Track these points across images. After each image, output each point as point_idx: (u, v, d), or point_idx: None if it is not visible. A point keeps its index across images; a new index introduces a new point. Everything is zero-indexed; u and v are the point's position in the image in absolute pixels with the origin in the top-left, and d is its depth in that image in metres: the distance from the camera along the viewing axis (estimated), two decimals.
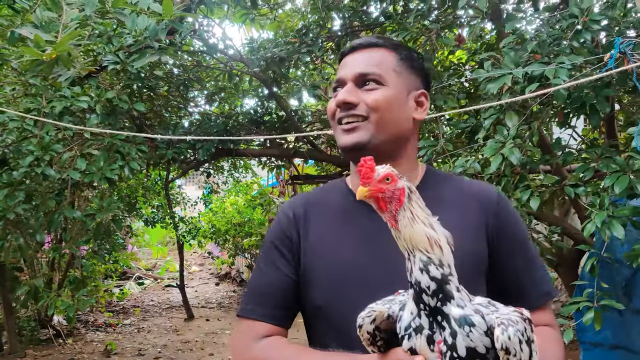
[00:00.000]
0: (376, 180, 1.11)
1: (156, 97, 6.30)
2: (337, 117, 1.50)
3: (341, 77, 1.51)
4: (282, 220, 1.57)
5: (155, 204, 11.19)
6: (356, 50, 1.53)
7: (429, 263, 1.08)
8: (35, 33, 2.79)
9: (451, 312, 1.07)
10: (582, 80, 2.86)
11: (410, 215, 1.11)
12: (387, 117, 1.46)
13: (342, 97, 1.46)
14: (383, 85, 1.47)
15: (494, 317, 1.07)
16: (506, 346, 1.02)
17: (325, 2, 5.40)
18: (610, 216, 2.84)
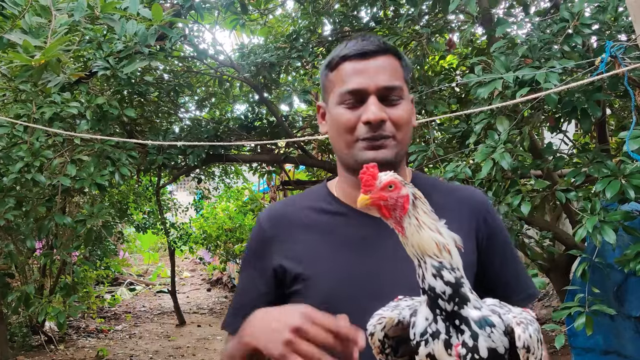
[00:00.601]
0: (378, 188, 1.09)
1: (146, 102, 6.28)
2: (359, 135, 1.38)
3: (361, 87, 1.37)
4: (259, 230, 1.52)
5: (147, 209, 11.15)
6: (366, 56, 1.40)
7: (442, 268, 1.07)
8: (24, 39, 2.77)
9: (470, 315, 1.06)
10: (573, 85, 2.86)
11: (416, 222, 1.09)
12: (408, 133, 1.44)
13: (377, 115, 1.35)
14: (403, 99, 1.41)
15: (511, 316, 1.08)
16: (528, 345, 1.03)
17: (315, 7, 5.40)
18: (601, 221, 2.85)
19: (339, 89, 1.40)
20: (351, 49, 1.40)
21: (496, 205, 3.23)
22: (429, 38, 4.33)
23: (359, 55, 1.39)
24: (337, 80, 1.42)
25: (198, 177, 8.73)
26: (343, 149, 1.43)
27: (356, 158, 1.39)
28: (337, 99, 1.41)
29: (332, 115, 1.44)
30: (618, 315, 3.68)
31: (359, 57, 1.39)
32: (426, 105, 4.11)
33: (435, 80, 4.58)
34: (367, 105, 1.36)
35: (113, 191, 8.68)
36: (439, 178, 1.66)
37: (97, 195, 6.65)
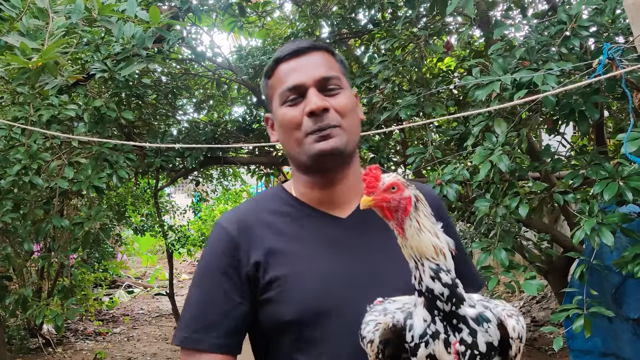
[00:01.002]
0: (381, 189, 1.09)
1: (144, 105, 6.27)
2: (308, 128, 1.38)
3: (298, 83, 1.39)
4: (223, 238, 1.44)
5: (145, 212, 11.12)
6: (299, 54, 1.42)
7: (439, 270, 1.09)
8: (22, 41, 2.77)
9: (467, 313, 1.09)
10: (570, 87, 2.87)
11: (417, 225, 1.10)
12: (354, 122, 1.45)
13: (318, 103, 1.36)
14: (342, 88, 1.43)
15: (500, 310, 1.13)
16: (521, 335, 1.10)
17: (313, 9, 5.40)
18: (599, 223, 2.85)
19: (279, 90, 1.42)
20: (283, 52, 1.44)
21: (494, 208, 3.23)
22: (427, 40, 4.33)
23: (292, 55, 1.43)
24: (276, 83, 1.44)
25: (196, 179, 8.71)
26: (294, 148, 1.43)
27: (307, 153, 1.40)
28: (279, 100, 1.42)
29: (278, 118, 1.44)
30: (616, 318, 3.68)
31: (292, 56, 1.43)
32: (424, 107, 4.10)
33: (433, 83, 4.59)
34: (308, 97, 1.38)
35: (111, 194, 8.65)
36: None
37: (95, 197, 6.64)
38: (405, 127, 4.72)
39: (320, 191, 1.47)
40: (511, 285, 3.41)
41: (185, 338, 1.40)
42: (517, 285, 3.30)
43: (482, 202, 3.28)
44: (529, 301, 8.39)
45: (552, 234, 4.50)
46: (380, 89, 4.44)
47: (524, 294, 8.52)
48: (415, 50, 4.50)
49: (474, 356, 1.08)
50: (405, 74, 4.54)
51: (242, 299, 1.40)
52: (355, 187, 1.48)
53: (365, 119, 1.61)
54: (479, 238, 3.72)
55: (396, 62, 4.30)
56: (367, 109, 5.15)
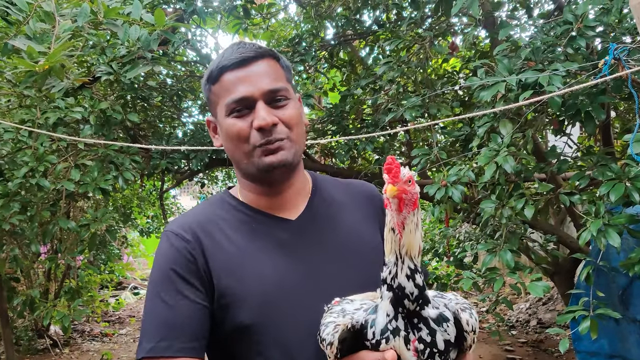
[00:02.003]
0: (402, 180, 1.11)
1: (150, 107, 6.28)
2: (256, 142, 1.37)
3: (246, 95, 1.37)
4: (177, 244, 1.40)
5: (150, 214, 11.16)
6: (246, 63, 1.40)
7: (415, 271, 1.11)
8: (28, 44, 2.78)
9: (429, 314, 1.12)
10: (576, 87, 2.86)
11: (417, 221, 1.13)
12: (300, 132, 1.45)
13: (267, 119, 1.36)
14: (289, 99, 1.43)
15: (454, 304, 1.18)
16: (474, 328, 1.16)
17: (318, 11, 5.41)
18: (606, 224, 2.84)
19: (225, 100, 1.40)
20: (229, 59, 1.40)
21: (500, 209, 3.22)
22: (432, 41, 4.33)
23: (238, 64, 1.39)
24: (222, 92, 1.41)
25: (201, 181, 8.74)
26: (242, 159, 1.42)
27: (256, 166, 1.40)
28: (225, 110, 1.40)
29: (224, 128, 1.42)
30: (623, 319, 3.67)
31: (238, 66, 1.39)
32: (429, 108, 4.10)
33: (438, 84, 4.58)
34: (257, 111, 1.37)
35: (117, 195, 8.69)
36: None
37: (101, 199, 6.66)
38: (410, 128, 4.71)
39: (268, 198, 1.48)
40: (517, 287, 3.41)
41: (151, 348, 1.34)
42: (523, 287, 3.29)
43: (488, 203, 3.28)
44: (535, 303, 8.37)
45: (558, 235, 4.49)
46: (385, 90, 4.44)
47: (530, 295, 8.49)
48: (420, 51, 4.50)
49: (433, 354, 1.12)
50: (410, 75, 4.53)
51: (203, 301, 1.37)
52: (302, 190, 1.52)
53: (309, 125, 1.60)
54: (484, 239, 3.71)
55: (401, 63, 4.30)
56: (372, 110, 5.15)
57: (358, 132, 4.95)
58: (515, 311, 8.33)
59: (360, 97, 5.35)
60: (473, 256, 3.97)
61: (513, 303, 8.41)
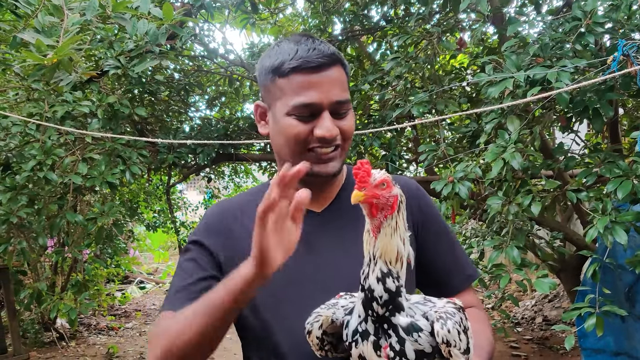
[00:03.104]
0: (372, 185, 1.08)
1: (157, 101, 6.30)
2: (310, 145, 1.40)
3: (316, 102, 1.37)
4: (212, 223, 1.52)
5: (157, 208, 11.20)
6: (321, 69, 1.38)
7: (388, 275, 1.08)
8: (37, 38, 2.79)
9: (399, 322, 1.09)
10: (584, 84, 2.85)
11: (395, 225, 1.10)
12: (351, 140, 1.49)
13: (332, 132, 1.38)
14: (350, 109, 1.44)
15: (433, 312, 1.11)
16: (447, 339, 1.06)
17: (326, 6, 5.40)
18: (613, 222, 2.83)
19: (291, 100, 1.38)
20: (305, 60, 1.37)
21: (506, 206, 3.22)
22: (440, 37, 4.31)
23: (313, 68, 1.37)
24: (288, 89, 1.39)
25: (208, 176, 8.75)
26: (289, 157, 1.43)
27: (310, 169, 1.37)
28: (288, 109, 1.39)
29: (281, 125, 1.42)
30: (629, 317, 3.66)
31: (312, 70, 1.37)
32: (436, 104, 4.09)
33: (446, 80, 4.57)
34: (322, 120, 1.38)
35: (124, 190, 8.72)
36: None
37: (108, 193, 6.68)
38: (417, 124, 4.71)
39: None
40: (523, 284, 3.40)
41: (162, 305, 1.44)
42: (529, 284, 3.29)
43: (495, 199, 3.27)
44: (541, 300, 8.36)
45: (565, 232, 4.47)
46: (392, 85, 4.43)
47: (536, 292, 8.49)
48: (428, 47, 4.49)
49: None
50: (418, 70, 4.53)
51: (217, 271, 1.44)
52: (334, 183, 1.54)
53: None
54: (491, 236, 3.71)
55: (409, 59, 4.29)
56: (379, 105, 5.15)
57: (365, 128, 4.94)
58: (521, 308, 8.32)
59: (368, 92, 5.34)
60: (479, 252, 3.96)
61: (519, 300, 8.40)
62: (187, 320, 1.25)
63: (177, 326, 1.27)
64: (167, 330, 1.29)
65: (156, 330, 1.35)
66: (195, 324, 1.23)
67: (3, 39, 4.40)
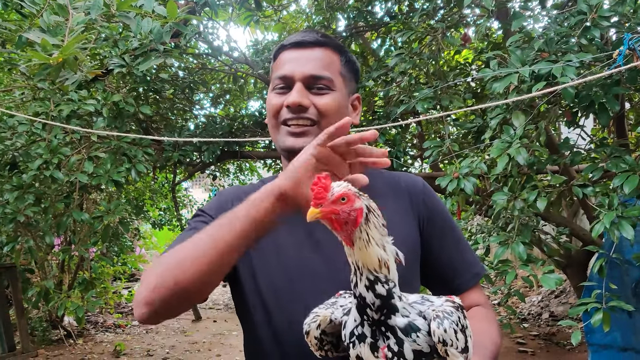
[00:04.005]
0: (330, 200, 1.03)
1: (162, 100, 6.31)
2: (283, 117, 1.43)
3: (288, 74, 1.43)
4: (222, 200, 1.50)
5: (163, 206, 11.23)
6: (302, 46, 1.46)
7: (376, 282, 1.06)
8: (42, 37, 2.79)
9: (396, 323, 1.07)
10: (590, 78, 2.83)
11: (366, 236, 1.06)
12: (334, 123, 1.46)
13: (295, 99, 1.40)
14: (332, 90, 1.44)
15: (431, 311, 1.09)
16: (443, 339, 1.04)
17: (329, 2, 5.39)
18: (619, 217, 2.82)
19: (273, 75, 1.48)
20: (290, 40, 1.48)
21: (512, 201, 3.21)
22: (444, 33, 4.30)
23: (295, 45, 1.47)
24: (275, 68, 1.50)
25: (213, 173, 8.77)
26: (272, 134, 1.49)
27: (280, 143, 1.45)
28: (271, 84, 1.48)
29: (267, 101, 1.50)
30: (636, 312, 3.64)
31: (295, 47, 1.47)
32: (441, 100, 4.08)
33: (451, 75, 4.56)
34: (292, 90, 1.42)
35: (129, 188, 8.75)
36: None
37: (114, 191, 6.71)
38: (422, 120, 4.70)
39: None
40: (529, 280, 3.40)
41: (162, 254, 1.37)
42: (535, 279, 3.29)
43: (500, 195, 3.26)
44: (547, 295, 8.35)
45: (571, 227, 4.46)
46: (397, 81, 4.42)
47: (542, 288, 8.47)
48: (432, 42, 4.48)
49: None
50: (422, 66, 4.52)
51: None
52: None
53: (358, 124, 1.59)
54: (496, 232, 3.70)
55: (413, 55, 4.29)
56: (384, 102, 5.14)
57: (370, 124, 4.94)
58: (527, 304, 8.31)
59: (372, 89, 5.34)
60: (485, 248, 3.95)
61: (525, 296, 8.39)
62: (200, 238, 1.20)
63: (184, 246, 1.21)
64: (168, 255, 1.23)
65: (154, 263, 1.29)
66: (212, 240, 1.17)
67: (9, 38, 4.42)
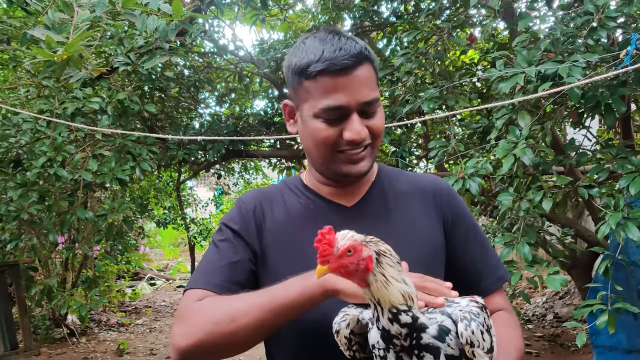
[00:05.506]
0: (336, 256, 1.03)
1: (167, 98, 6.31)
2: (340, 147, 1.38)
3: (344, 104, 1.33)
4: (243, 210, 1.51)
5: (167, 205, 11.24)
6: (349, 71, 1.33)
7: (399, 313, 1.05)
8: (47, 34, 2.79)
9: (429, 339, 1.07)
10: (596, 79, 2.82)
11: (383, 278, 1.05)
12: (382, 137, 1.46)
13: (361, 135, 1.35)
14: (379, 106, 1.41)
15: (457, 311, 1.09)
16: (470, 340, 1.05)
17: (335, 2, 5.38)
18: (625, 218, 2.81)
19: (318, 102, 1.35)
20: (329, 63, 1.32)
21: (517, 202, 3.20)
22: (450, 33, 4.29)
23: (340, 71, 1.32)
24: (315, 92, 1.36)
25: (218, 172, 8.77)
26: (319, 159, 1.44)
27: (334, 170, 1.42)
28: (316, 112, 1.36)
29: (310, 127, 1.40)
30: None
31: (339, 72, 1.32)
32: (447, 100, 4.07)
33: (456, 75, 4.54)
34: (350, 123, 1.35)
35: (134, 186, 8.75)
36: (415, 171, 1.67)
37: (118, 190, 6.73)
38: (427, 119, 4.69)
39: (330, 186, 1.52)
40: (534, 281, 3.38)
41: (188, 284, 1.44)
42: (540, 281, 3.27)
43: (505, 196, 3.25)
44: (552, 297, 8.32)
45: (576, 228, 4.45)
46: (402, 81, 4.41)
47: (547, 289, 8.44)
48: (438, 42, 4.46)
49: None
50: (428, 66, 4.51)
51: (250, 259, 1.45)
52: (365, 179, 1.53)
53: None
54: (501, 232, 3.69)
55: (419, 55, 4.28)
56: (389, 101, 5.13)
57: None
58: (532, 305, 8.28)
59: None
60: None
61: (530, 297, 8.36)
62: (240, 307, 1.26)
63: (226, 309, 1.28)
64: (212, 311, 1.29)
65: (192, 307, 1.34)
66: (252, 314, 1.24)
67: (14, 35, 4.43)
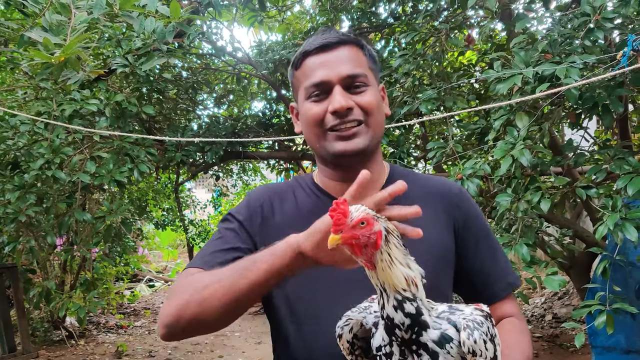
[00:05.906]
0: (349, 225, 1.04)
1: (165, 100, 6.32)
2: (328, 124, 1.40)
3: (324, 79, 1.39)
4: (252, 204, 1.52)
5: (166, 207, 11.23)
6: (327, 49, 1.41)
7: (404, 301, 1.05)
8: (45, 36, 2.79)
9: (428, 340, 1.06)
10: (594, 79, 2.83)
11: (388, 257, 1.06)
12: (378, 119, 1.45)
13: (342, 103, 1.37)
14: (368, 85, 1.43)
15: (461, 319, 1.08)
16: (473, 349, 1.04)
17: (333, 3, 5.39)
18: (623, 218, 2.81)
19: (304, 84, 1.42)
20: (312, 44, 1.42)
21: (515, 203, 3.20)
22: (448, 34, 4.30)
23: (319, 49, 1.42)
24: (302, 76, 1.44)
25: (216, 174, 8.78)
26: (315, 143, 1.45)
27: (328, 149, 1.42)
28: (304, 94, 1.43)
29: (302, 112, 1.45)
30: None
31: (319, 51, 1.42)
32: (445, 101, 4.07)
33: (454, 77, 4.55)
34: (333, 96, 1.39)
35: (132, 188, 8.75)
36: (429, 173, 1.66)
37: (117, 192, 6.71)
38: (425, 121, 4.69)
39: (341, 183, 1.49)
40: (532, 281, 3.38)
41: (191, 261, 1.43)
42: (538, 281, 3.27)
43: (504, 196, 3.26)
44: (550, 297, 8.32)
45: (575, 229, 4.45)
46: (400, 82, 4.41)
47: (546, 289, 8.45)
48: (436, 44, 4.47)
49: None
50: (426, 67, 4.51)
51: (251, 250, 1.41)
52: (376, 180, 1.50)
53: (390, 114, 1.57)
54: (500, 233, 3.69)
55: (417, 56, 4.28)
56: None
57: None
58: (531, 305, 8.29)
59: None
60: None
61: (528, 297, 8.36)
62: (220, 279, 1.24)
63: (207, 280, 1.26)
64: (194, 283, 1.28)
65: (181, 282, 1.34)
66: (229, 283, 1.22)
67: (11, 37, 4.42)
